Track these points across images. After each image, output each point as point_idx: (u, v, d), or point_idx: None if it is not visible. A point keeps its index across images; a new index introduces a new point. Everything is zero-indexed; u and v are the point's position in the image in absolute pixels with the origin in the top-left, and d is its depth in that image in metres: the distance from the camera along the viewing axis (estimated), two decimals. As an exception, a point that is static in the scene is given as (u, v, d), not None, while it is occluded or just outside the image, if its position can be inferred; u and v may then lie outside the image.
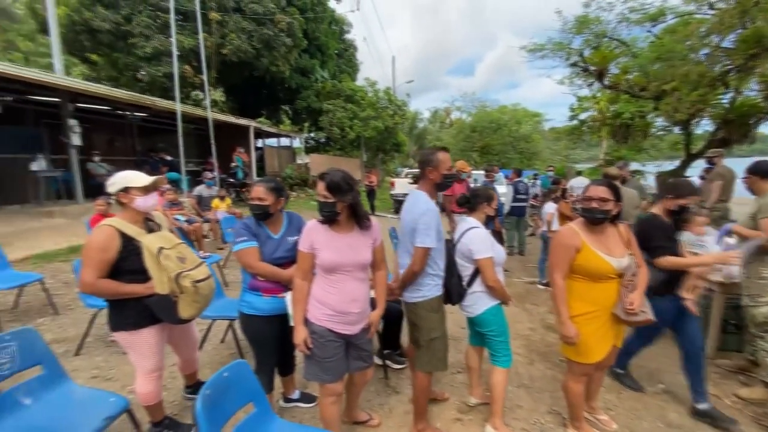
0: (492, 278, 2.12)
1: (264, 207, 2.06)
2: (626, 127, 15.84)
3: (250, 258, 2.02)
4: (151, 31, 11.47)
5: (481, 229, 2.20)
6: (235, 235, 2.07)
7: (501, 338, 2.21)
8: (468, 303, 2.23)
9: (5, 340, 1.76)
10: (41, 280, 3.66)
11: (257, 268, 2.03)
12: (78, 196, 8.27)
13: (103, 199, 4.84)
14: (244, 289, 2.12)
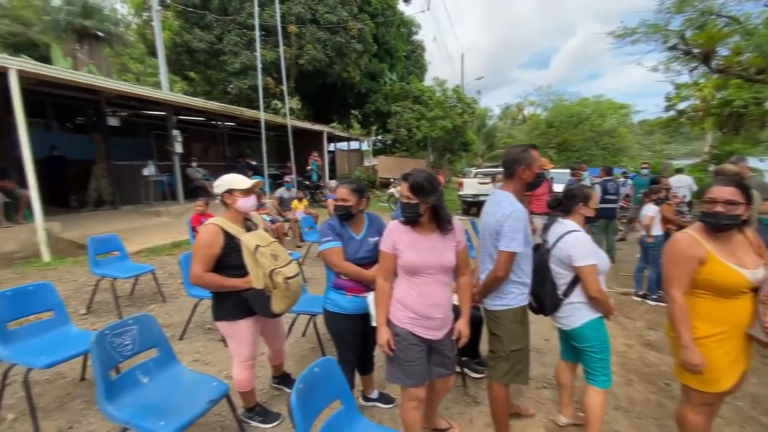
0: (595, 288, 1.90)
1: (347, 208, 2.11)
2: (738, 116, 13.60)
3: (335, 257, 2.08)
4: (239, 48, 12.61)
5: (582, 232, 1.99)
6: (321, 235, 2.15)
7: (601, 356, 1.98)
8: (563, 315, 2.03)
9: (128, 324, 2.01)
10: (153, 272, 4.18)
11: (342, 267, 2.07)
12: (179, 198, 9.38)
13: (202, 200, 5.42)
14: (329, 287, 2.19)
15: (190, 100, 9.26)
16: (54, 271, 5.20)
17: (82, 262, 5.64)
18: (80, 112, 11.01)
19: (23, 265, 5.38)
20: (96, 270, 3.88)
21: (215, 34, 12.89)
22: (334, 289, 2.15)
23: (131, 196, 9.33)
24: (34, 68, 5.56)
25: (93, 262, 3.91)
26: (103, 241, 4.10)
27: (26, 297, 2.46)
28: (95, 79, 7.06)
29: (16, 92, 5.28)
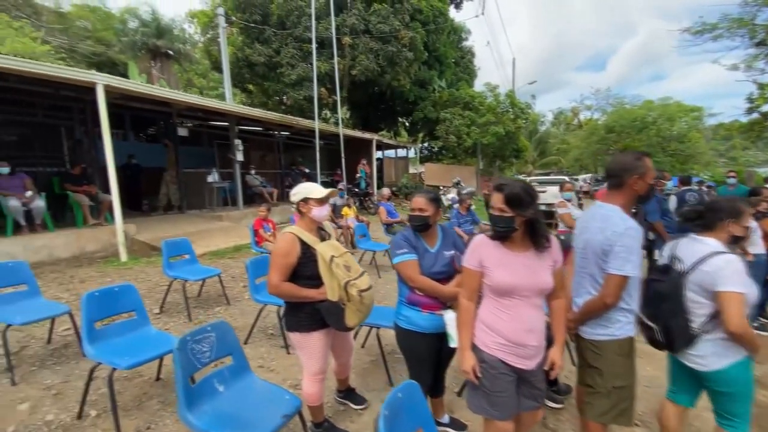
0: (739, 321, 1.59)
1: (425, 218, 2.00)
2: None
3: (411, 271, 1.96)
4: (296, 61, 13.13)
5: (733, 256, 1.67)
6: (395, 247, 2.04)
7: (745, 400, 1.68)
8: (700, 353, 1.72)
9: (207, 331, 2.03)
10: (219, 275, 4.33)
11: (418, 281, 1.96)
12: (239, 203, 9.85)
13: (264, 206, 5.60)
14: (402, 302, 2.08)
15: (252, 111, 9.73)
16: (130, 271, 5.59)
17: (154, 262, 6.04)
18: (153, 124, 12.01)
19: (104, 264, 5.85)
20: (169, 272, 4.09)
21: (273, 47, 13.52)
22: (408, 305, 2.03)
23: (196, 201, 9.94)
24: (118, 83, 6.09)
25: (166, 264, 4.13)
26: (175, 245, 4.32)
27: (112, 297, 2.60)
28: (170, 92, 7.63)
29: (102, 105, 5.80)
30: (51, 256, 5.92)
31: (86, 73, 5.81)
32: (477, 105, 16.55)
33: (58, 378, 2.78)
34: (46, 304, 3.06)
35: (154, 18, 25.01)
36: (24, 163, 6.81)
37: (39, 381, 2.72)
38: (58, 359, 3.05)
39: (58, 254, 6.02)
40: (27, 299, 3.05)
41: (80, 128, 8.53)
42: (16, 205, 5.67)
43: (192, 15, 19.68)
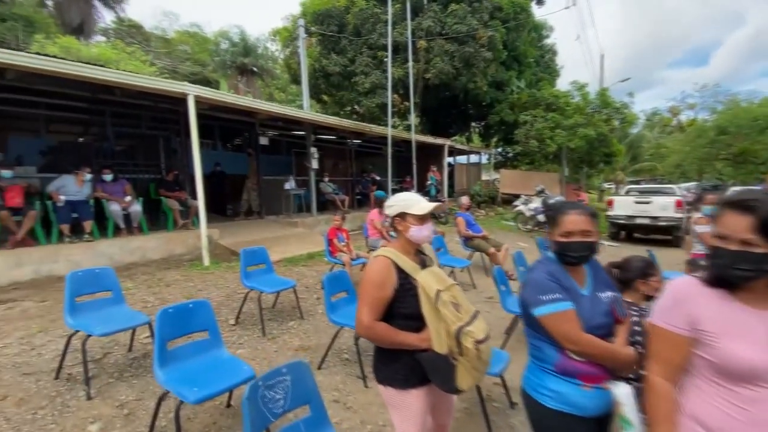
0: None
1: (591, 245, 1.40)
2: None
3: (570, 327, 1.33)
4: (370, 69, 13.11)
5: None
6: (536, 290, 1.39)
7: None
8: None
9: (282, 373, 1.64)
10: (294, 287, 4.08)
11: (583, 343, 1.33)
12: (313, 210, 9.90)
13: (339, 214, 5.33)
14: (545, 370, 1.43)
15: (328, 119, 9.76)
16: (211, 276, 5.68)
17: (233, 268, 6.11)
18: (238, 134, 12.78)
19: (188, 268, 6.04)
20: (246, 282, 3.94)
21: (348, 57, 13.66)
22: (559, 375, 1.39)
23: (274, 208, 10.21)
24: (206, 93, 6.33)
25: (244, 274, 4.00)
26: (253, 254, 4.19)
27: (186, 315, 2.39)
28: (250, 101, 7.88)
29: (193, 115, 6.04)
30: (144, 257, 6.29)
31: (179, 84, 6.12)
32: (562, 105, 15.04)
33: (133, 394, 2.65)
34: (128, 313, 3.00)
35: (242, 38, 27.37)
36: (127, 170, 7.44)
37: (114, 396, 2.60)
38: (136, 370, 2.96)
39: (150, 256, 6.38)
40: (111, 307, 3.02)
41: (175, 138, 9.24)
42: (117, 209, 6.12)
43: (274, 33, 20.94)
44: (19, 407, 2.40)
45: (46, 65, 4.70)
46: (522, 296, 1.46)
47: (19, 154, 7.70)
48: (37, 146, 8.22)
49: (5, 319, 3.76)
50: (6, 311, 3.99)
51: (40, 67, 4.64)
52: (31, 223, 5.35)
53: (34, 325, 3.62)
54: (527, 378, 1.50)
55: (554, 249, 1.46)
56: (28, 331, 3.51)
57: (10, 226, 5.17)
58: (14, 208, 5.25)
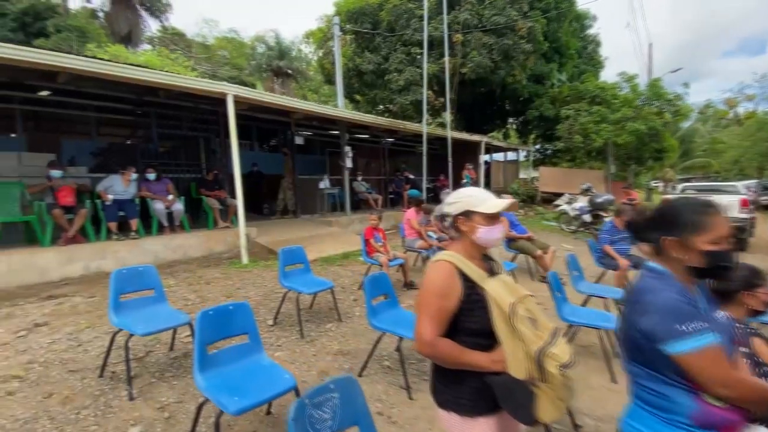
0: None
1: (729, 258, 1.12)
2: None
3: (723, 366, 1.04)
4: (404, 65, 12.90)
5: None
6: (669, 318, 1.07)
7: None
8: None
9: (329, 390, 1.46)
10: (332, 288, 3.95)
11: (738, 385, 1.04)
12: (347, 209, 9.83)
13: (376, 213, 5.15)
14: (676, 423, 1.11)
15: (363, 117, 9.65)
16: (249, 274, 5.68)
17: (270, 266, 6.10)
18: (274, 135, 12.98)
19: (228, 266, 6.09)
20: (284, 282, 3.85)
21: (382, 54, 13.52)
22: (697, 429, 1.08)
23: (309, 207, 10.23)
24: (245, 93, 6.37)
25: (282, 274, 3.91)
26: (291, 253, 4.09)
27: (226, 317, 2.28)
28: (287, 99, 7.89)
29: (232, 114, 6.09)
30: (185, 255, 6.42)
31: (219, 84, 6.18)
32: (609, 98, 14.12)
33: (173, 396, 2.58)
34: (169, 312, 2.96)
35: (277, 42, 28.03)
36: (170, 170, 7.65)
37: (155, 398, 2.55)
38: (177, 371, 2.92)
39: (192, 254, 6.50)
40: (153, 305, 3.00)
41: (215, 139, 9.46)
42: (161, 208, 6.27)
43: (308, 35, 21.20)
44: (64, 406, 2.40)
45: (99, 68, 4.85)
46: (644, 326, 1.12)
47: (72, 155, 8.13)
48: (89, 148, 8.65)
49: (56, 314, 3.87)
50: (57, 306, 4.12)
51: (92, 69, 4.80)
52: (82, 221, 5.57)
53: (82, 321, 3.70)
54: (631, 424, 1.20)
55: (698, 261, 1.14)
56: (77, 326, 3.59)
57: (62, 224, 5.40)
58: (67, 207, 5.48)
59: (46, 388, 2.58)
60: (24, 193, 5.49)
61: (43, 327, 3.55)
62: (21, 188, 5.52)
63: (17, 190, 5.51)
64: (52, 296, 4.43)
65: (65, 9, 20.24)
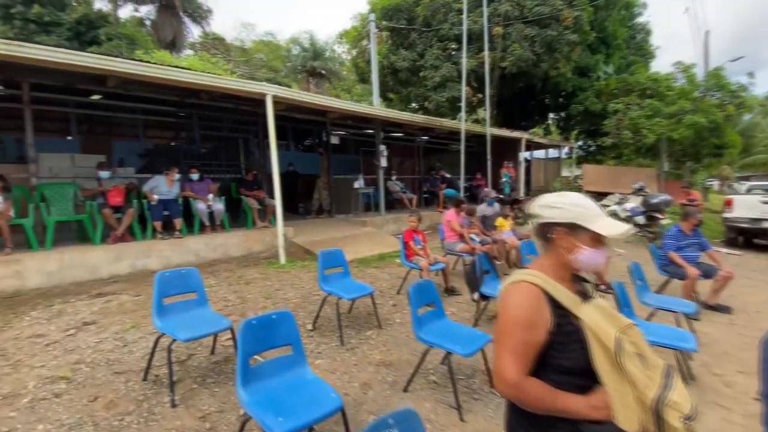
0: None
1: None
2: None
3: None
4: (440, 61, 12.56)
5: None
6: None
7: None
8: None
9: (388, 425, 1.27)
10: (372, 294, 3.78)
11: None
12: (381, 209, 9.67)
13: (415, 216, 4.94)
14: None
15: (401, 114, 9.44)
16: (287, 275, 5.64)
17: (308, 267, 6.04)
18: (309, 134, 13.07)
19: (266, 266, 6.10)
20: (324, 286, 3.72)
21: (418, 51, 13.25)
22: None
23: (343, 206, 10.18)
24: (284, 93, 6.35)
25: (321, 277, 3.78)
26: (330, 256, 3.97)
27: (270, 327, 2.15)
28: (326, 99, 7.84)
29: (270, 114, 6.07)
30: (226, 254, 6.50)
31: (258, 84, 6.20)
32: (663, 90, 13.07)
33: (215, 404, 2.50)
34: (211, 317, 2.90)
35: (312, 43, 28.42)
36: (211, 170, 7.81)
37: (197, 405, 2.48)
38: (218, 377, 2.85)
39: (231, 253, 6.57)
40: (195, 308, 2.95)
41: (253, 140, 9.61)
42: (202, 207, 6.38)
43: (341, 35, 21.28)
44: (108, 411, 2.37)
45: (145, 71, 4.96)
46: None
47: (121, 156, 8.52)
48: (137, 149, 9.03)
49: (104, 313, 3.96)
50: (105, 304, 4.23)
51: (139, 72, 4.91)
52: (129, 220, 5.74)
53: (127, 320, 3.76)
54: None
55: None
56: (123, 326, 3.64)
57: (111, 223, 5.59)
58: (116, 206, 5.68)
59: (92, 391, 2.58)
60: (77, 193, 5.75)
61: (92, 326, 3.62)
62: (74, 188, 5.78)
63: (71, 190, 5.77)
64: (101, 294, 4.57)
65: (115, 18, 21.45)
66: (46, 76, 5.58)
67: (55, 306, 4.14)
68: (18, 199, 5.20)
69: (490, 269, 3.98)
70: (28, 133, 5.52)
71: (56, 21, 16.38)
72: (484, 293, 3.77)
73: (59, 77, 5.66)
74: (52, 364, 2.90)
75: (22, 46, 3.92)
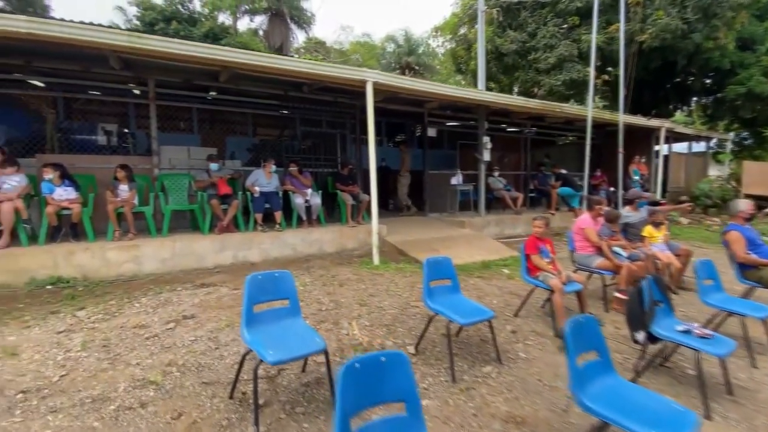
0: None
1: None
2: None
3: None
4: (556, 40, 10.92)
5: None
6: None
7: None
8: None
9: None
10: (490, 320, 2.97)
11: None
12: (481, 209, 8.68)
13: (542, 220, 3.96)
14: None
15: (512, 99, 8.30)
16: (381, 278, 5.14)
17: (402, 270, 5.48)
18: (400, 129, 12.67)
19: (359, 266, 5.69)
20: (431, 303, 3.04)
21: (528, 31, 11.77)
22: None
23: (437, 204, 9.44)
24: (385, 79, 5.83)
25: (427, 291, 3.10)
26: (437, 265, 3.26)
27: (378, 373, 1.54)
28: (430, 84, 7.17)
29: (370, 104, 5.62)
30: (320, 250, 6.29)
31: (358, 70, 5.80)
32: None
33: (304, 448, 2.01)
34: (304, 333, 2.43)
35: (406, 38, 28.17)
36: (310, 164, 7.74)
37: (282, 445, 2.01)
38: (308, 405, 2.38)
39: (326, 249, 6.34)
40: (287, 319, 2.53)
41: (350, 135, 9.43)
42: (300, 202, 6.25)
43: (436, 28, 20.47)
44: (188, 437, 2.03)
45: (253, 59, 4.87)
46: None
47: (233, 150, 9.04)
48: (246, 144, 9.52)
49: (204, 306, 3.87)
50: (206, 296, 4.17)
51: (249, 62, 4.84)
52: (234, 212, 5.84)
53: (223, 318, 3.58)
54: None
55: None
56: (218, 323, 3.46)
57: (218, 214, 5.72)
58: (223, 197, 5.80)
59: (177, 404, 2.30)
60: (191, 184, 6.03)
61: (190, 320, 3.51)
62: (189, 179, 6.08)
63: (186, 181, 6.08)
64: (204, 284, 4.59)
65: (235, 29, 23.85)
66: (168, 73, 5.93)
67: (163, 294, 4.21)
68: (142, 188, 5.59)
69: (662, 300, 2.85)
70: (152, 127, 5.93)
71: (189, 35, 18.70)
72: (654, 333, 2.69)
73: (179, 74, 5.98)
74: (146, 363, 2.75)
75: (142, 38, 4.02)
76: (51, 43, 3.86)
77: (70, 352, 2.84)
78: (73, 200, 4.87)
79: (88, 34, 3.81)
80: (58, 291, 4.21)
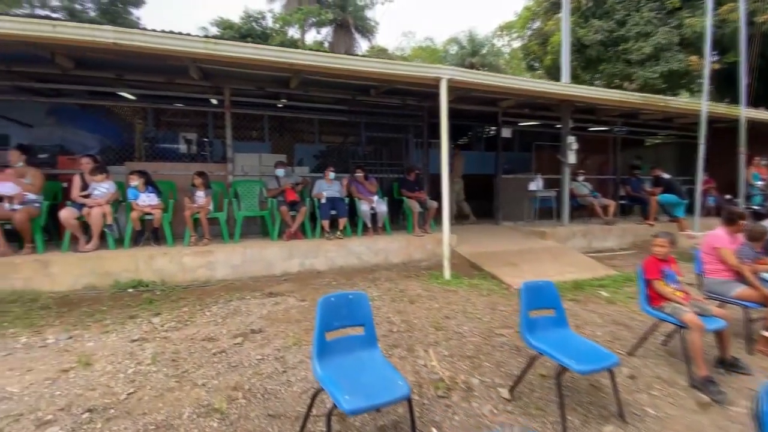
0: None
1: None
2: None
3: None
4: (652, 26, 9.55)
5: None
6: None
7: None
8: None
9: None
10: (614, 366, 2.33)
11: None
12: (564, 218, 7.74)
13: (666, 237, 3.17)
14: None
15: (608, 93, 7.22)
16: (455, 295, 4.62)
17: (477, 287, 4.92)
18: (463, 132, 12.04)
19: (428, 279, 5.23)
20: (532, 340, 2.46)
21: (616, 18, 10.47)
22: None
23: (512, 212, 8.66)
24: (461, 75, 5.35)
25: (526, 323, 2.53)
26: (538, 292, 2.65)
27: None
28: (513, 79, 6.55)
29: (444, 103, 5.15)
30: (386, 260, 5.94)
31: (431, 66, 5.37)
32: None
33: None
34: (382, 368, 2.04)
35: (470, 39, 27.31)
36: (375, 170, 7.49)
37: None
38: (387, 459, 1.97)
39: (392, 259, 5.98)
40: (363, 351, 2.15)
41: (414, 139, 9.05)
42: (366, 209, 5.98)
43: (502, 27, 19.51)
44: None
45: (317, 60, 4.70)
46: None
47: (301, 157, 9.14)
48: (313, 151, 9.59)
49: (271, 319, 3.69)
50: (274, 307, 4.01)
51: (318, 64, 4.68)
52: (301, 218, 5.73)
53: (291, 334, 3.34)
54: None
55: None
56: (285, 340, 3.22)
57: (287, 220, 5.64)
58: (291, 203, 5.72)
59: (241, 442, 2.02)
60: (263, 191, 6.05)
61: (258, 335, 3.32)
62: (260, 185, 6.11)
63: (257, 187, 6.11)
64: (272, 293, 4.46)
65: (302, 42, 24.85)
66: (242, 82, 6.03)
67: (232, 302, 4.13)
68: (217, 194, 5.70)
69: None
70: (227, 135, 6.05)
71: (262, 50, 19.86)
72: None
73: (252, 82, 6.06)
74: (213, 384, 2.55)
75: (217, 43, 3.99)
76: (136, 53, 3.99)
77: (141, 365, 2.76)
78: (155, 206, 5.06)
79: (169, 42, 3.88)
80: (138, 294, 4.33)
